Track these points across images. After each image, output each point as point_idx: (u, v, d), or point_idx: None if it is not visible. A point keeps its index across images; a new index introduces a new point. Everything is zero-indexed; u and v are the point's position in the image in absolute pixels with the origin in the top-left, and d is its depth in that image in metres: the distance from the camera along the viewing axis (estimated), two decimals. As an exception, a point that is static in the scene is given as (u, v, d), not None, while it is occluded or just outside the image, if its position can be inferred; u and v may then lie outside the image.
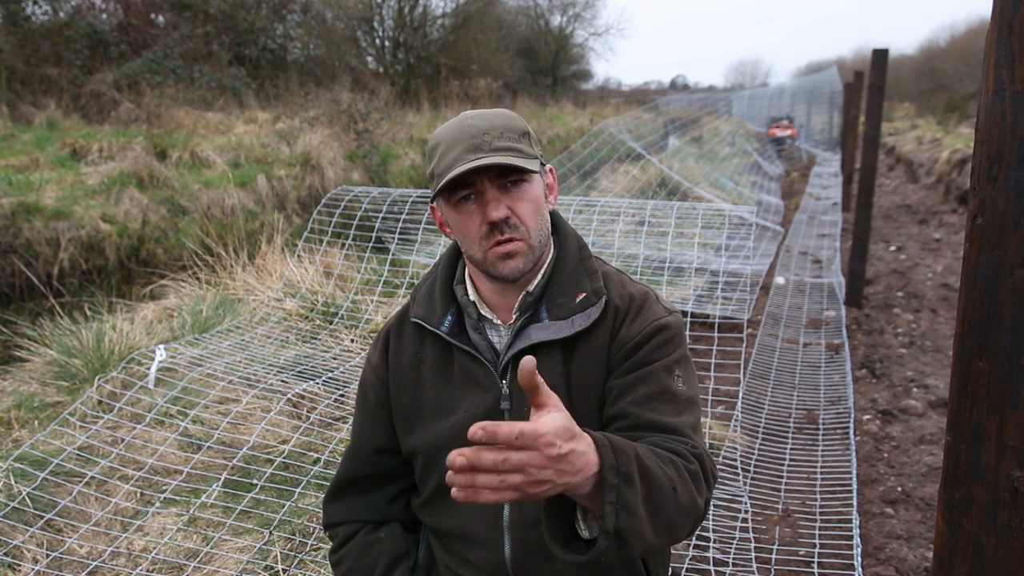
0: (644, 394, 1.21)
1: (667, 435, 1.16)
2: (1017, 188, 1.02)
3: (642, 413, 1.19)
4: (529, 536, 1.26)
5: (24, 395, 3.58)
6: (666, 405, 1.20)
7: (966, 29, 31.47)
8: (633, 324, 1.26)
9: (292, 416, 3.39)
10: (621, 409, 1.21)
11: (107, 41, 16.32)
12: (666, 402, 1.21)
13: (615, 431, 1.19)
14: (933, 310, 5.89)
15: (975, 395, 1.10)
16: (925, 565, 2.66)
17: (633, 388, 1.22)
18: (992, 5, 1.03)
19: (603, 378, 1.26)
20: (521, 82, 31.20)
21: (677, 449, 1.13)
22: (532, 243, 1.23)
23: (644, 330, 1.25)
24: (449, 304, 1.32)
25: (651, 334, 1.25)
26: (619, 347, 1.25)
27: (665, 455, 1.09)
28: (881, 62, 5.90)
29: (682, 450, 1.13)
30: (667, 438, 1.16)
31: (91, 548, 2.55)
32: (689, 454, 1.13)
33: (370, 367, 1.40)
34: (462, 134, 1.19)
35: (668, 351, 1.25)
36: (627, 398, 1.21)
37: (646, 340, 1.24)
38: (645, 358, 1.23)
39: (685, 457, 1.12)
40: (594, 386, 1.26)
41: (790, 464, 3.40)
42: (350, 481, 1.41)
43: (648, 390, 1.21)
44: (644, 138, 14.99)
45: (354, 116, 13.39)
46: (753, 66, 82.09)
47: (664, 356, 1.24)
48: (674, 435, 1.17)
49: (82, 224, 8.21)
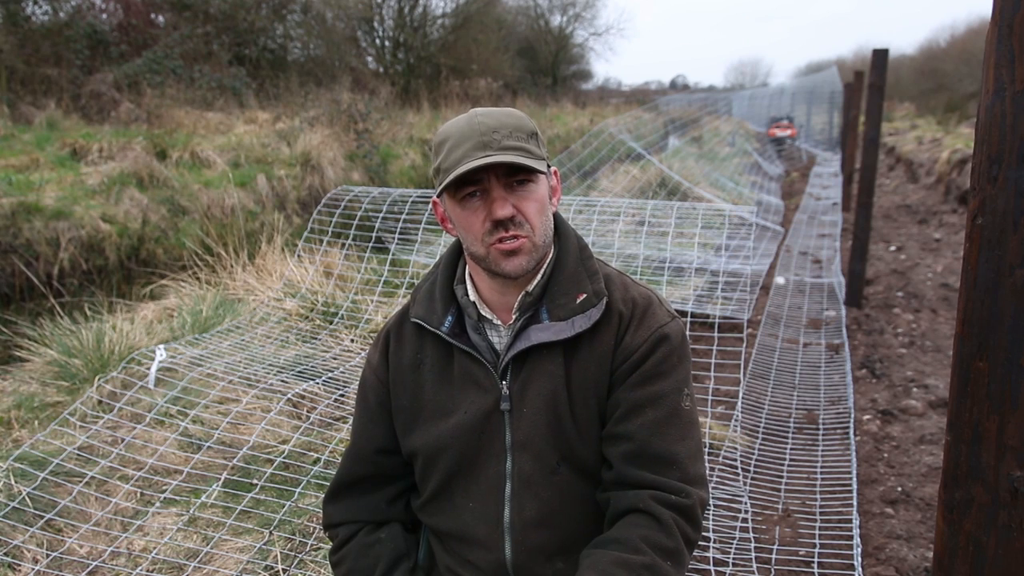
0: (652, 418, 1.23)
1: (661, 475, 1.21)
2: (1017, 188, 1.02)
3: (648, 441, 1.21)
4: (530, 537, 1.26)
5: (24, 395, 3.58)
6: (672, 430, 1.23)
7: (966, 29, 31.48)
8: (638, 332, 1.26)
9: (292, 416, 3.39)
10: (628, 431, 1.23)
11: (107, 41, 16.31)
12: (673, 426, 1.23)
13: (618, 457, 1.23)
14: (933, 310, 5.89)
15: (975, 395, 1.10)
16: (925, 565, 2.66)
17: (641, 409, 1.23)
18: (992, 5, 1.03)
19: (607, 384, 1.26)
20: (521, 82, 31.20)
21: (646, 541, 1.17)
22: (536, 241, 1.23)
23: (649, 338, 1.25)
24: (449, 304, 1.32)
25: (656, 343, 1.25)
26: (624, 355, 1.26)
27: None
28: (881, 62, 5.90)
29: (665, 519, 1.18)
30: (656, 496, 1.20)
31: (91, 548, 2.55)
32: (672, 521, 1.18)
33: (370, 368, 1.40)
34: (472, 131, 1.19)
35: (674, 363, 1.26)
36: (636, 420, 1.23)
37: (651, 351, 1.25)
38: (653, 371, 1.24)
39: (668, 534, 1.17)
40: (597, 390, 1.26)
41: (790, 464, 3.40)
42: (350, 481, 1.41)
43: (656, 414, 1.23)
44: (644, 138, 14.99)
45: (354, 116, 13.39)
46: (753, 66, 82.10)
47: (671, 371, 1.25)
48: (670, 471, 1.21)
49: (82, 224, 8.21)
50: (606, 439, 1.25)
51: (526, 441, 1.26)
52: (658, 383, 1.24)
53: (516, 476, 1.26)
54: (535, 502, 1.26)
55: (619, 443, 1.23)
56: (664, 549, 1.16)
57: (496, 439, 1.27)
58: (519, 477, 1.26)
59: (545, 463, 1.26)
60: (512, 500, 1.27)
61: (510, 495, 1.27)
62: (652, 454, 1.21)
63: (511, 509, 1.27)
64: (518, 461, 1.26)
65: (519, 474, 1.26)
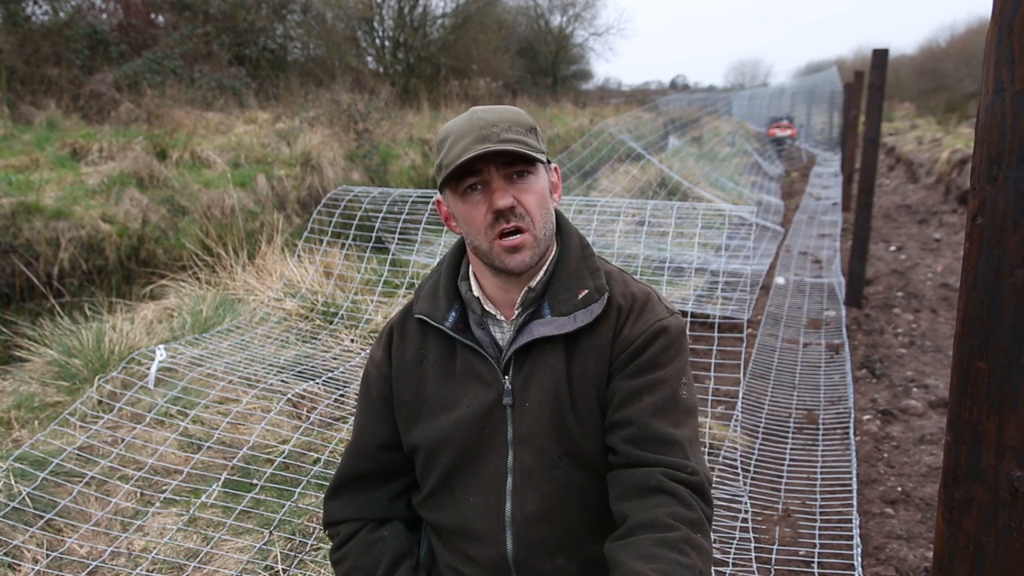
0: (651, 403, 1.23)
1: (666, 455, 1.20)
2: (1017, 188, 1.02)
3: (647, 423, 1.21)
4: (531, 531, 1.27)
5: (24, 395, 3.58)
6: (670, 416, 1.23)
7: (966, 29, 31.45)
8: (636, 324, 1.27)
9: (292, 416, 3.39)
10: (628, 416, 1.23)
11: (107, 41, 16.30)
12: (671, 412, 1.23)
13: (620, 441, 1.22)
14: (933, 310, 5.89)
15: (975, 395, 1.10)
16: (925, 565, 2.66)
17: (639, 396, 1.23)
18: (992, 5, 1.03)
19: (605, 375, 1.27)
20: (521, 82, 31.19)
21: (674, 517, 1.15)
22: (537, 235, 1.24)
23: (648, 330, 1.26)
24: (453, 300, 1.33)
25: (654, 335, 1.26)
26: (622, 346, 1.26)
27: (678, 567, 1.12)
28: (881, 62, 5.90)
29: (682, 494, 1.17)
30: (667, 472, 1.18)
31: (91, 548, 2.55)
32: (688, 495, 1.17)
33: (373, 363, 1.41)
34: (471, 126, 1.21)
35: (672, 354, 1.27)
36: (634, 405, 1.23)
37: (650, 341, 1.26)
38: (651, 361, 1.25)
39: (688, 507, 1.16)
40: (596, 382, 1.27)
41: (790, 464, 3.40)
42: (352, 478, 1.40)
43: (654, 399, 1.23)
44: (644, 138, 14.99)
45: (354, 116, 13.39)
46: (753, 66, 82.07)
47: (669, 361, 1.26)
48: (673, 451, 1.20)
49: (82, 224, 8.21)
50: (608, 429, 1.26)
51: (528, 435, 1.27)
52: (656, 371, 1.24)
53: (518, 470, 1.27)
54: (537, 496, 1.26)
55: (620, 429, 1.23)
56: (692, 522, 1.16)
57: (498, 434, 1.28)
58: (521, 471, 1.27)
59: (547, 457, 1.26)
60: (514, 494, 1.27)
61: (512, 489, 1.27)
62: (652, 435, 1.21)
63: (512, 503, 1.27)
64: (520, 455, 1.27)
65: (521, 468, 1.27)
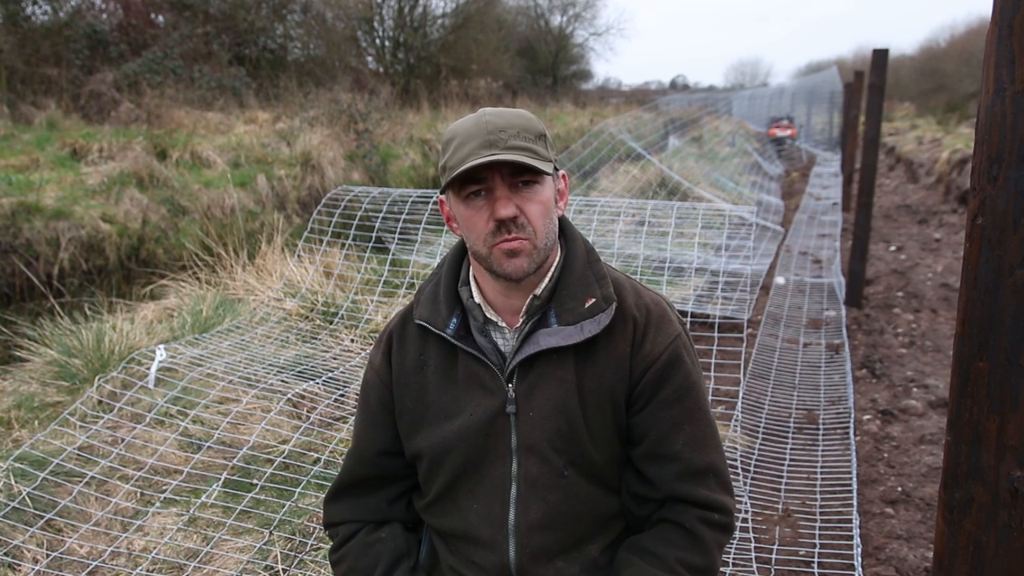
0: (692, 435, 1.27)
1: (704, 488, 1.26)
2: (1017, 188, 1.02)
3: (691, 458, 1.26)
4: (534, 540, 1.26)
5: (24, 395, 3.58)
6: (709, 441, 1.28)
7: (966, 29, 31.44)
8: (657, 339, 1.27)
9: (292, 416, 3.39)
10: (674, 451, 1.26)
11: (107, 41, 16.29)
12: (709, 438, 1.29)
13: (662, 476, 1.26)
14: (933, 310, 5.89)
15: (975, 395, 1.10)
16: (925, 565, 2.66)
17: (680, 428, 1.26)
18: (992, 5, 1.03)
19: (624, 389, 1.27)
20: (521, 82, 31.17)
21: (682, 563, 1.24)
22: (538, 244, 1.22)
23: (669, 347, 1.27)
24: (454, 306, 1.31)
25: (677, 353, 1.28)
26: (645, 364, 1.26)
27: None
28: (881, 62, 5.90)
29: (706, 541, 1.26)
30: (701, 516, 1.26)
31: (91, 548, 2.55)
32: (711, 541, 1.26)
33: (372, 369, 1.39)
34: (478, 129, 1.18)
35: (696, 372, 1.31)
36: (678, 439, 1.26)
37: (675, 361, 1.27)
38: (682, 385, 1.27)
39: (703, 553, 1.25)
40: (612, 396, 1.26)
41: (790, 464, 3.40)
42: (352, 482, 1.40)
43: (694, 430, 1.27)
44: (644, 138, 14.98)
45: (354, 116, 13.38)
46: (753, 66, 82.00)
47: (696, 382, 1.29)
48: (712, 484, 1.27)
49: (82, 224, 8.21)
50: (648, 458, 1.28)
51: (532, 444, 1.26)
52: (689, 395, 1.28)
53: (522, 479, 1.26)
54: (541, 505, 1.26)
55: (666, 464, 1.26)
56: (697, 568, 1.23)
57: (501, 441, 1.27)
58: (525, 480, 1.26)
59: (552, 466, 1.26)
60: (518, 502, 1.26)
61: (515, 497, 1.27)
62: (696, 470, 1.26)
63: (516, 511, 1.27)
64: (524, 464, 1.26)
65: (525, 477, 1.26)
